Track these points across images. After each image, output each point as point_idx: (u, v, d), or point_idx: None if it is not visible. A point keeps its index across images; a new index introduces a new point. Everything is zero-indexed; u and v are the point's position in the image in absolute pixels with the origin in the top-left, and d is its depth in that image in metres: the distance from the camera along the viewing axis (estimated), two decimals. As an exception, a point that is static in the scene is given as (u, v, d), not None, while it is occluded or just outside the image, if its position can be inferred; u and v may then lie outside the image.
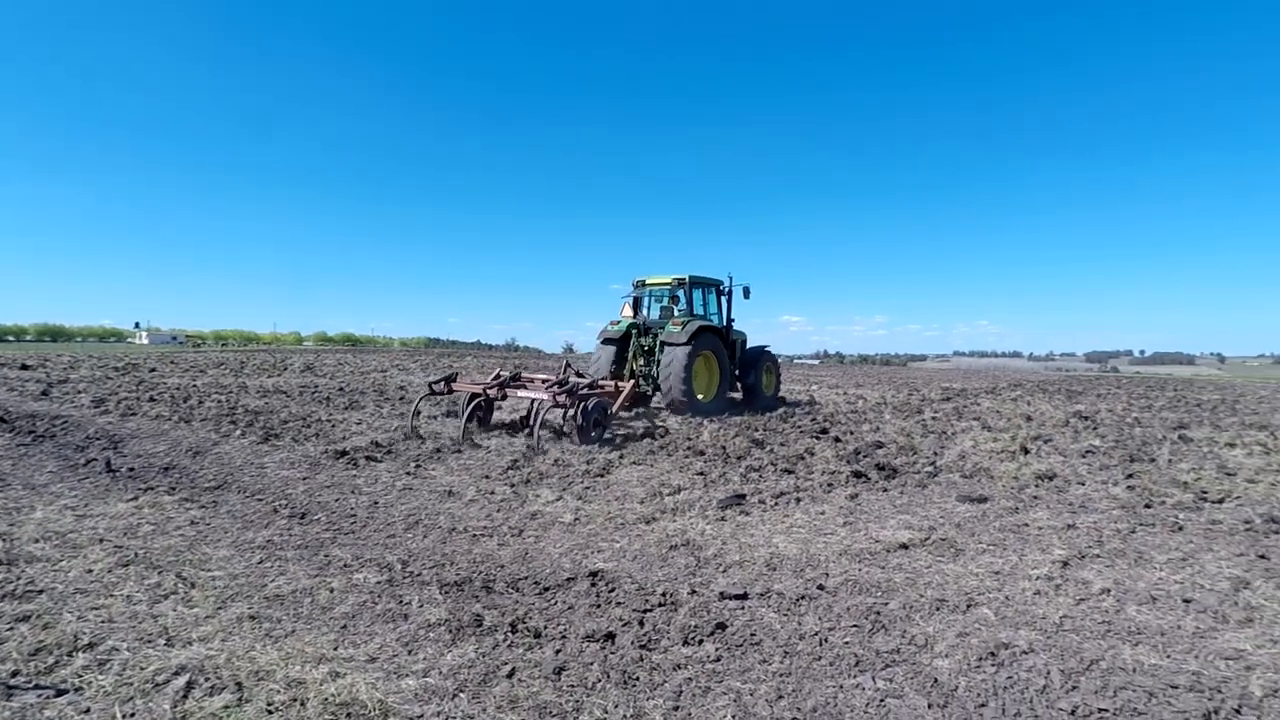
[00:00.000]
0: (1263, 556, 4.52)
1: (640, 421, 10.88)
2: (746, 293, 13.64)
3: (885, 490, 6.44)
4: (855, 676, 2.93)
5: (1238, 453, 8.76)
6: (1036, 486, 6.60)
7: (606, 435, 9.09)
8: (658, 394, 12.49)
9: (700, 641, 3.24)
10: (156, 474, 6.70)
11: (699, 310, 13.31)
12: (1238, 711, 2.64)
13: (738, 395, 14.03)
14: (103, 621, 3.28)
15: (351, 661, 2.95)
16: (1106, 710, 2.66)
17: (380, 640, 3.17)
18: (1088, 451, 8.54)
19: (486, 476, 6.83)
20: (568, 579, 4.01)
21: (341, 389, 16.14)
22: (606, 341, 12.90)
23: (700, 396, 12.11)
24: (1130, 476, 6.97)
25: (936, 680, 2.89)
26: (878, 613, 3.58)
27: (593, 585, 3.90)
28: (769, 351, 14.65)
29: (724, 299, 13.88)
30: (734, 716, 2.61)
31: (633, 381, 10.62)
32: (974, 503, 5.94)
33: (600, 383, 10.38)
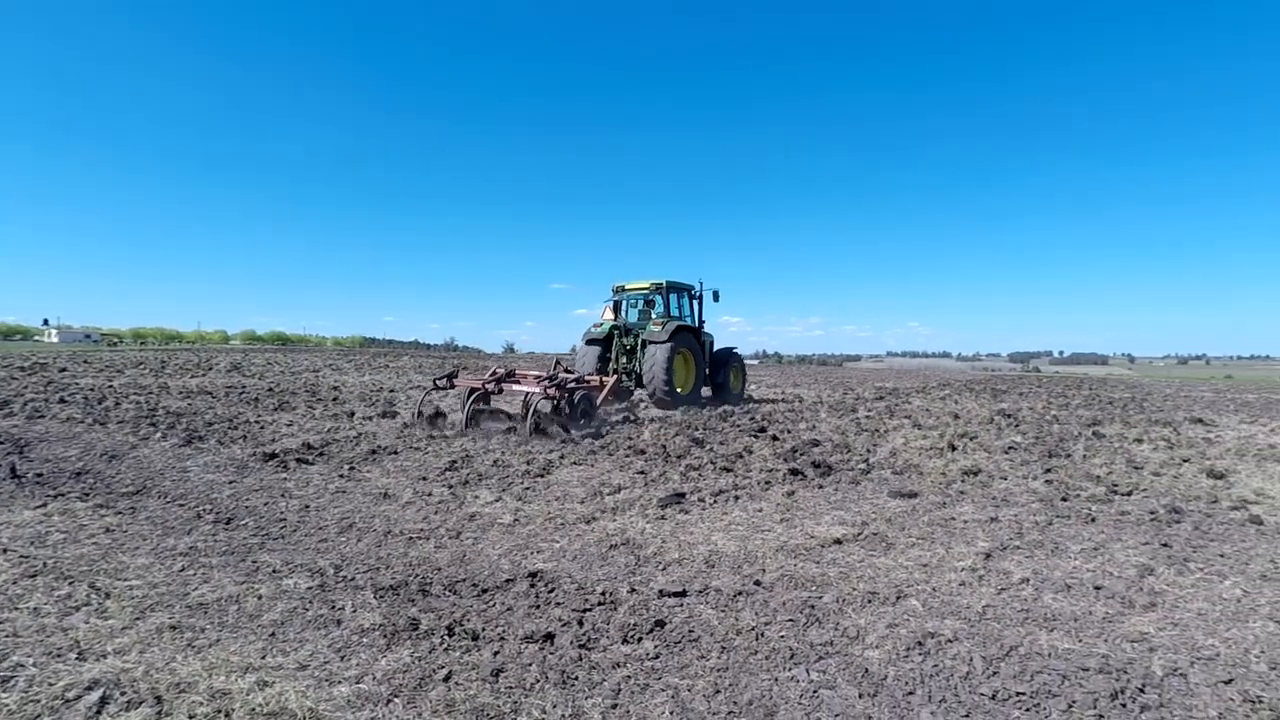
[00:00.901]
0: (1165, 545, 4.82)
1: (621, 413, 11.65)
2: (716, 296, 14.96)
3: (821, 487, 6.60)
4: (790, 669, 3.00)
5: (1145, 448, 9.32)
6: (963, 482, 6.87)
7: (594, 424, 9.99)
8: (639, 389, 13.45)
9: (639, 639, 3.26)
10: (67, 479, 6.33)
11: (675, 313, 14.35)
12: (1141, 690, 2.81)
13: (708, 391, 14.98)
14: (6, 636, 3.08)
15: (280, 670, 2.86)
16: (1024, 693, 2.79)
17: (311, 647, 3.08)
18: (1010, 448, 8.95)
19: (424, 478, 6.70)
20: (507, 580, 3.98)
21: (271, 389, 15.58)
22: (590, 342, 13.84)
23: (679, 390, 13.15)
24: (1049, 471, 7.33)
25: (867, 670, 2.99)
26: (812, 606, 3.67)
27: (532, 586, 3.88)
28: (736, 353, 15.96)
29: (696, 303, 15.07)
30: (672, 713, 2.64)
31: (616, 376, 11.74)
32: (904, 498, 6.15)
33: (586, 378, 11.26)
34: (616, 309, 14.45)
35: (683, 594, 3.82)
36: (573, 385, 10.17)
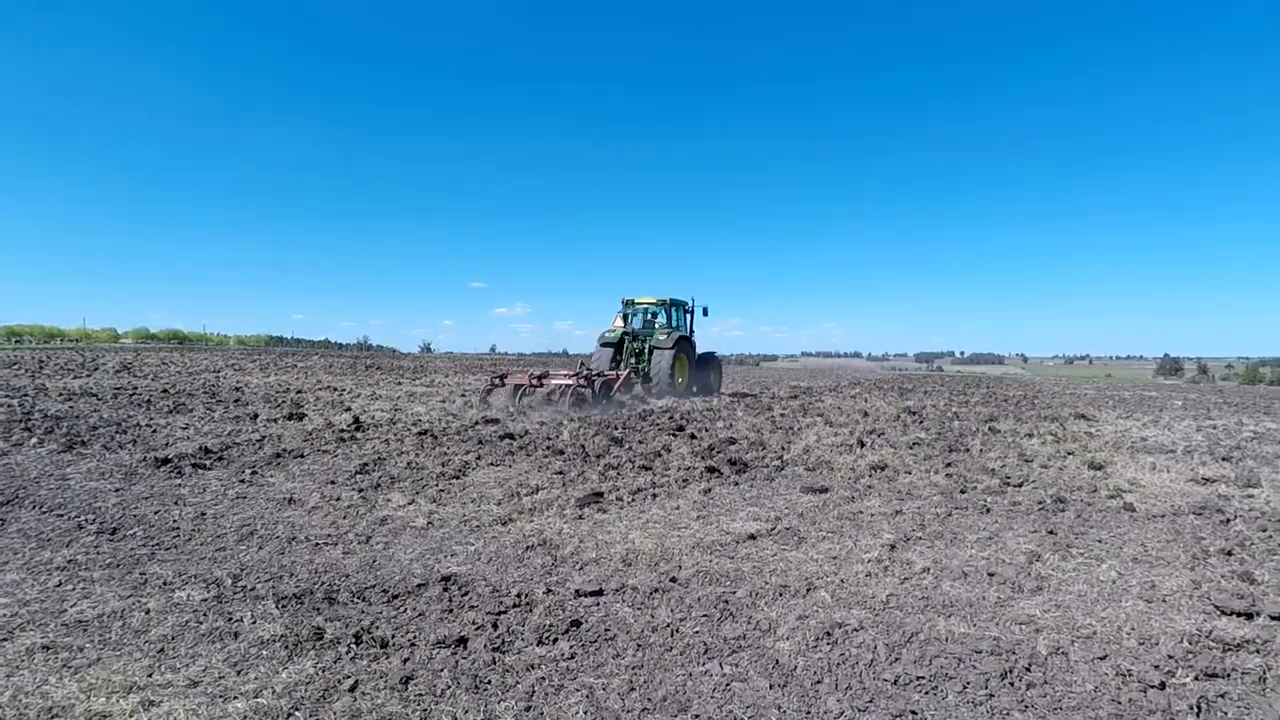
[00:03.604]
0: (1051, 532, 5.17)
1: (634, 399, 14.74)
2: (705, 311, 18.73)
3: (737, 484, 6.74)
4: (704, 664, 3.05)
5: (1034, 442, 9.96)
6: (870, 477, 7.16)
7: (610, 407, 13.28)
8: (645, 382, 16.25)
9: (554, 640, 3.24)
10: (-75, 490, 5.75)
11: (674, 324, 18.01)
12: (1028, 669, 3.00)
13: (696, 386, 18.04)
14: None
15: (169, 688, 2.68)
16: (923, 677, 2.93)
17: (204, 662, 2.91)
18: (915, 444, 9.38)
19: (332, 482, 6.44)
20: (419, 585, 3.87)
21: (166, 391, 14.63)
22: (605, 345, 17.00)
23: (678, 384, 16.60)
24: (949, 465, 7.73)
25: (778, 662, 3.07)
26: (726, 601, 3.74)
27: (445, 590, 3.79)
28: (716, 356, 19.67)
29: (688, 315, 18.66)
30: (586, 712, 2.63)
31: (628, 371, 15.30)
32: (816, 493, 6.35)
33: (605, 373, 14.96)
34: (625, 318, 17.81)
35: (599, 593, 3.81)
36: (597, 377, 14.16)
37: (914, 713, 2.68)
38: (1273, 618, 3.56)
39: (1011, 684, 2.89)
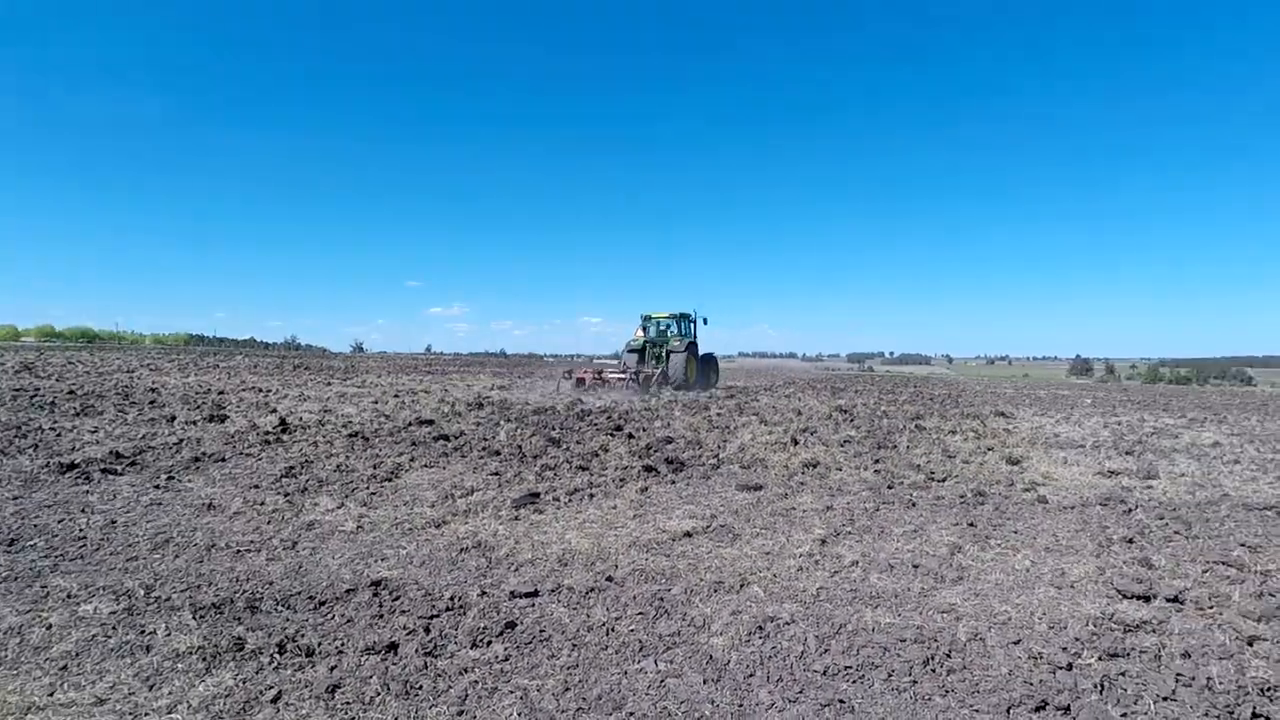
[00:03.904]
0: (972, 524, 5.40)
1: (654, 386, 19.75)
2: (705, 321, 23.77)
3: (673, 483, 6.80)
4: (639, 661, 3.06)
5: (957, 439, 10.39)
6: (803, 474, 7.33)
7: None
8: (664, 378, 20.86)
9: (489, 643, 3.20)
10: None
11: (684, 333, 23.31)
12: (948, 656, 3.13)
13: (700, 381, 22.56)
14: None
15: (73, 707, 2.53)
16: (851, 667, 3.02)
17: (113, 678, 2.75)
18: (845, 441, 9.66)
19: (256, 486, 6.19)
20: (347, 590, 3.76)
21: (73, 392, 13.75)
22: (631, 350, 22.32)
23: (688, 379, 21.15)
24: (878, 462, 7.98)
25: (712, 657, 3.11)
26: (661, 599, 3.77)
27: (375, 595, 3.69)
28: (714, 356, 24.69)
29: (693, 324, 23.61)
30: (520, 714, 2.61)
31: (659, 370, 20.76)
32: (750, 491, 6.46)
33: (643, 369, 20.47)
34: (645, 329, 23.37)
35: (535, 594, 3.79)
36: (646, 372, 20.13)
37: (842, 701, 2.76)
38: (1167, 599, 3.81)
39: (933, 670, 3.01)
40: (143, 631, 3.20)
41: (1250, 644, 3.27)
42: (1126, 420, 14.45)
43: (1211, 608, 3.71)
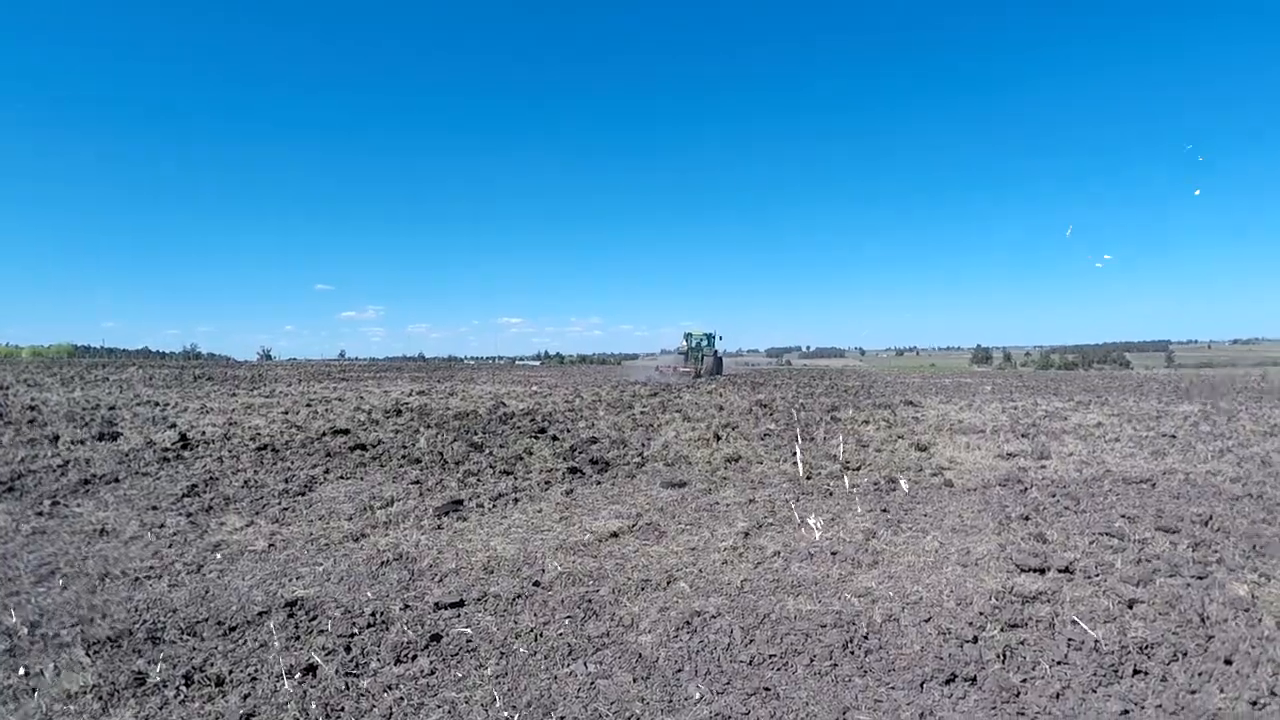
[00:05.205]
0: (885, 510, 5.65)
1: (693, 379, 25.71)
2: (720, 337, 35.78)
3: (599, 483, 6.81)
4: (569, 665, 3.06)
5: (870, 428, 10.85)
6: (726, 468, 7.48)
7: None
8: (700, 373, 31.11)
9: (414, 657, 3.12)
10: None
11: (710, 344, 34.64)
12: (865, 638, 3.27)
13: (718, 376, 32.73)
14: None
15: (-50, 760, 2.32)
16: (775, 655, 3.12)
17: (-4, 725, 2.54)
18: (766, 434, 9.92)
19: (154, 508, 5.82)
20: (260, 613, 3.59)
21: (-63, 413, 12.52)
22: (680, 354, 33.73)
23: (714, 374, 32.11)
24: (794, 454, 8.23)
25: (640, 655, 3.14)
26: (590, 600, 3.77)
27: (290, 616, 3.54)
28: (722, 359, 36.16)
29: (715, 338, 35.41)
30: (448, 727, 2.56)
31: (700, 367, 32.06)
32: (675, 488, 6.55)
33: (688, 368, 31.98)
34: (687, 339, 34.27)
35: (460, 604, 3.72)
36: (696, 369, 31.49)
37: (767, 689, 2.84)
38: (1059, 570, 4.11)
39: (852, 653, 3.14)
40: (27, 673, 2.95)
41: (1130, 607, 3.57)
42: (1022, 405, 15.42)
43: (1097, 575, 4.03)
